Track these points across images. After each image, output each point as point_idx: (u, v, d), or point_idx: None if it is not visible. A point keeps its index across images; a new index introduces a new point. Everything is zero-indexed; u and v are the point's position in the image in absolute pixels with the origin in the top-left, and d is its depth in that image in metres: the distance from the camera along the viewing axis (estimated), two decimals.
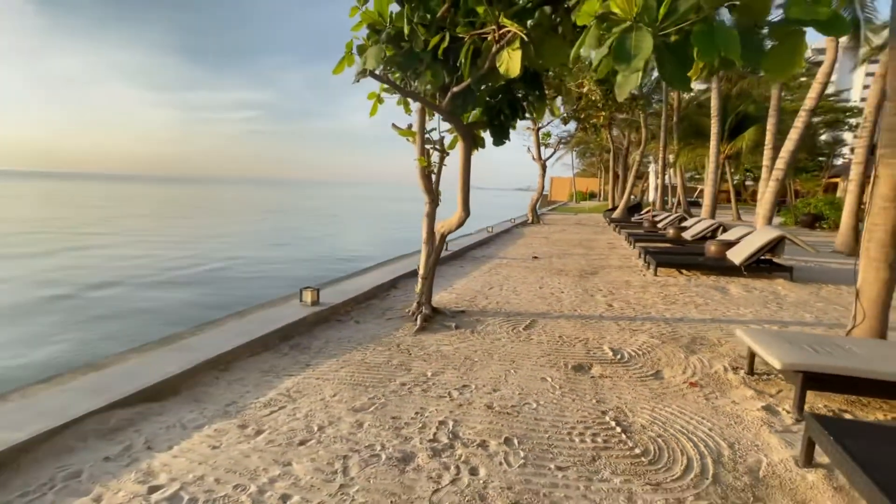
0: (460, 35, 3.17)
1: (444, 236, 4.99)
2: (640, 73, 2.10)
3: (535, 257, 9.41)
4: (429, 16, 3.16)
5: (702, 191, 37.01)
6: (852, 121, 35.27)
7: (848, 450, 1.94)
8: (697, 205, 29.42)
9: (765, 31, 2.25)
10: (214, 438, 2.47)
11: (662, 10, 2.04)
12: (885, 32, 16.04)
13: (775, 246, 6.91)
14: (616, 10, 2.04)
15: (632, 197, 19.36)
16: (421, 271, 5.07)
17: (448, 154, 5.17)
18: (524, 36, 2.76)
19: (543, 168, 17.88)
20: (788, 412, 2.86)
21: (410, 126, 5.08)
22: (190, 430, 2.55)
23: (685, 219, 13.64)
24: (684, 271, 7.59)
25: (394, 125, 5.22)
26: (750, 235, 7.50)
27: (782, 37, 2.20)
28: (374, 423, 2.66)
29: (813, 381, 2.70)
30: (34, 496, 2.01)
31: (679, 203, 21.88)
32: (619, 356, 3.83)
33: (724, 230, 9.94)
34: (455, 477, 2.18)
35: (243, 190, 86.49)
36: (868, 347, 3.04)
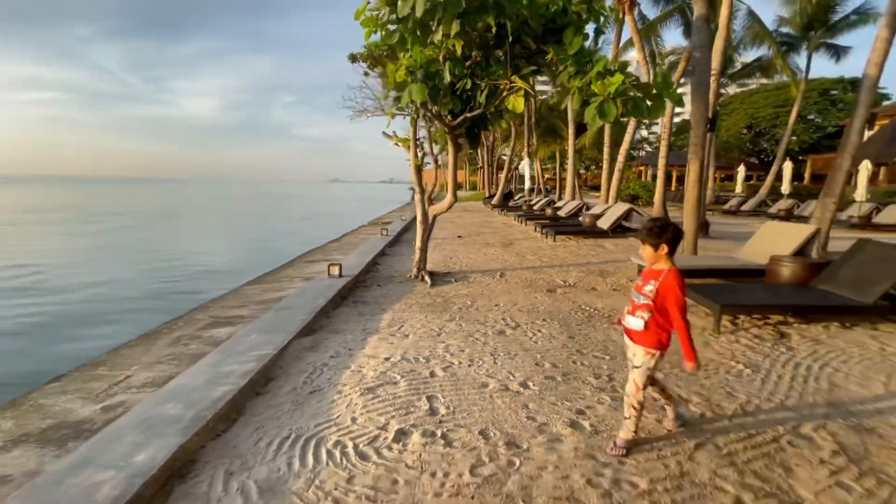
0: (479, 82, 4.96)
1: (435, 217, 6.69)
2: (606, 120, 4.22)
3: (460, 236, 11.51)
4: (457, 69, 4.86)
5: (548, 179, 44.16)
6: (646, 121, 45.97)
7: (695, 289, 4.41)
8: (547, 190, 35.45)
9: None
10: (385, 342, 3.92)
11: (613, 90, 4.19)
12: (670, 58, 21.81)
13: (627, 215, 10.22)
14: (596, 91, 4.11)
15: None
16: (418, 244, 6.68)
17: (426, 154, 6.89)
18: (529, 89, 4.71)
19: (435, 161, 20.12)
20: None
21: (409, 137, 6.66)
22: (361, 343, 3.93)
23: (553, 201, 17.29)
24: (572, 237, 10.51)
25: (385, 133, 6.72)
26: (611, 209, 10.77)
27: (655, 101, 4.54)
28: (467, 324, 4.38)
29: None
30: (318, 373, 3.29)
31: (540, 189, 26.49)
32: (567, 283, 6.12)
33: (588, 208, 13.43)
34: (533, 334, 4.08)
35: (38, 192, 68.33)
36: (692, 258, 5.84)
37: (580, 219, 11.67)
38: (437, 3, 3.90)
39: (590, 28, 5.17)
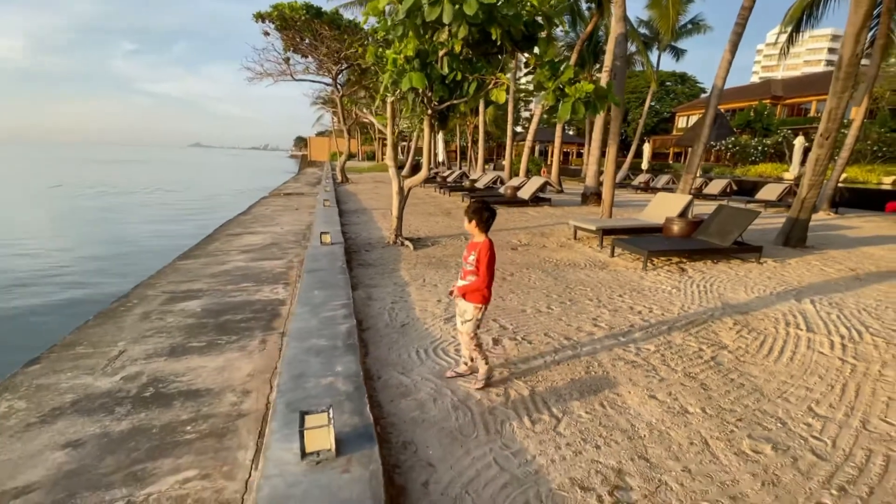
0: (468, 76, 5.91)
1: (410, 189, 7.53)
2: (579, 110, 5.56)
3: None
4: (454, 63, 5.74)
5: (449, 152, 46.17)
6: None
7: (623, 241, 6.16)
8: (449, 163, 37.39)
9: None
10: (424, 290, 4.86)
11: (583, 94, 5.53)
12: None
13: (543, 187, 12.12)
14: (569, 92, 5.41)
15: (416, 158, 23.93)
16: (395, 213, 7.49)
17: (398, 130, 7.61)
18: (510, 83, 5.82)
19: (349, 132, 20.09)
20: (598, 246, 7.19)
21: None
22: (403, 292, 4.81)
23: (466, 174, 18.83)
24: (500, 206, 12.09)
25: (369, 113, 7.26)
26: (528, 182, 12.58)
27: (601, 102, 6.02)
28: None
29: (605, 232, 7.08)
30: (394, 313, 4.15)
31: (443, 162, 28.00)
32: (522, 243, 7.57)
33: (502, 182, 15.20)
34: (528, 279, 5.39)
35: None
36: (609, 220, 7.73)
37: (500, 190, 13.33)
38: (458, 13, 4.74)
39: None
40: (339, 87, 17.37)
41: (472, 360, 3.00)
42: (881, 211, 13.27)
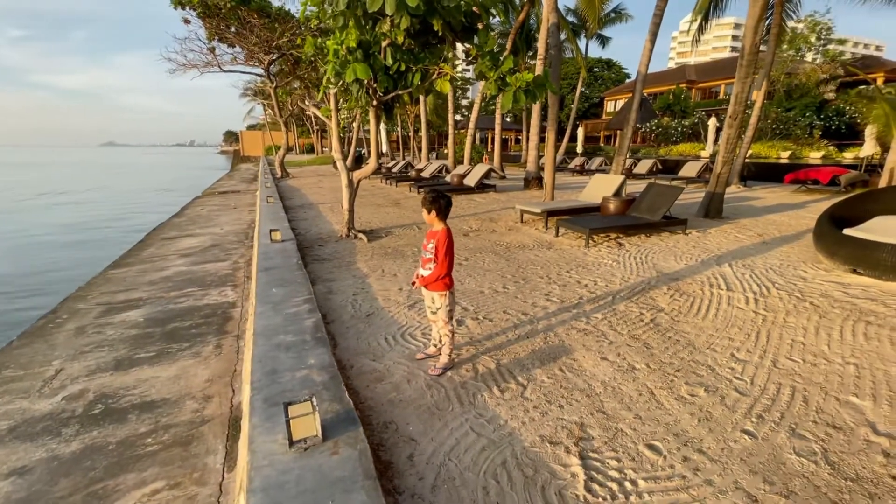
0: (412, 66, 5.97)
1: (360, 181, 7.49)
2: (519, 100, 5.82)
3: None
4: (398, 54, 5.77)
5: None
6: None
7: (566, 221, 6.59)
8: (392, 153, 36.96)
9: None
10: (384, 280, 4.94)
11: (523, 83, 5.79)
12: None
13: (488, 174, 12.45)
14: (510, 81, 5.64)
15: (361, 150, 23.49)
16: (345, 205, 7.44)
17: (341, 124, 7.52)
18: (454, 75, 5.97)
19: (286, 125, 19.31)
20: (544, 228, 7.59)
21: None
22: (363, 284, 4.87)
23: (411, 164, 18.82)
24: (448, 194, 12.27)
25: (313, 105, 7.10)
26: (473, 170, 12.86)
27: (540, 90, 6.35)
28: None
29: (550, 214, 7.48)
30: (357, 305, 4.21)
31: (386, 153, 27.69)
32: (473, 229, 7.82)
33: (448, 170, 15.38)
34: (483, 262, 5.63)
35: None
36: (555, 203, 8.16)
37: (447, 178, 13.51)
38: (400, 4, 4.77)
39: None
40: (271, 77, 16.59)
41: (440, 341, 3.14)
42: (781, 182, 14.98)
